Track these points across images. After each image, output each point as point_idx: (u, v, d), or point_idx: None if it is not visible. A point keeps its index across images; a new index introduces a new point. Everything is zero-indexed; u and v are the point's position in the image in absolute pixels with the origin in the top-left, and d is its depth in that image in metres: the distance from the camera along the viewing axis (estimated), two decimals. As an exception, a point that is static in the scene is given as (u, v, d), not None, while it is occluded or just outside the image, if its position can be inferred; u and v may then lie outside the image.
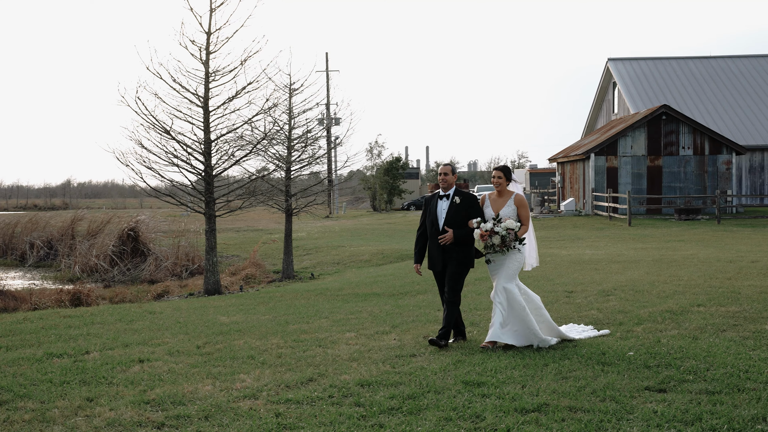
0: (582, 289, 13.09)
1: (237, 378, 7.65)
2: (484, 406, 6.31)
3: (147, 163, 17.40)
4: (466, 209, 8.98)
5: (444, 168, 9.11)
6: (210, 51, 17.37)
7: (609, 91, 48.95)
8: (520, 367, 7.53)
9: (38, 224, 35.18)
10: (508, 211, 8.83)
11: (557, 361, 7.73)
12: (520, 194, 8.99)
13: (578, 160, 40.68)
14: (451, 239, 8.90)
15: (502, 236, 8.58)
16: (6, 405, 6.89)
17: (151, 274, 24.79)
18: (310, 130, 23.11)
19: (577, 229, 31.66)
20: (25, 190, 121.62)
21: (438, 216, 9.09)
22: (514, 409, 6.20)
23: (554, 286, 13.84)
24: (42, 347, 9.89)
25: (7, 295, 18.56)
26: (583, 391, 6.61)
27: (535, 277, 15.20)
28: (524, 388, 6.79)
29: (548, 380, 7.01)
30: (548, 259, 18.31)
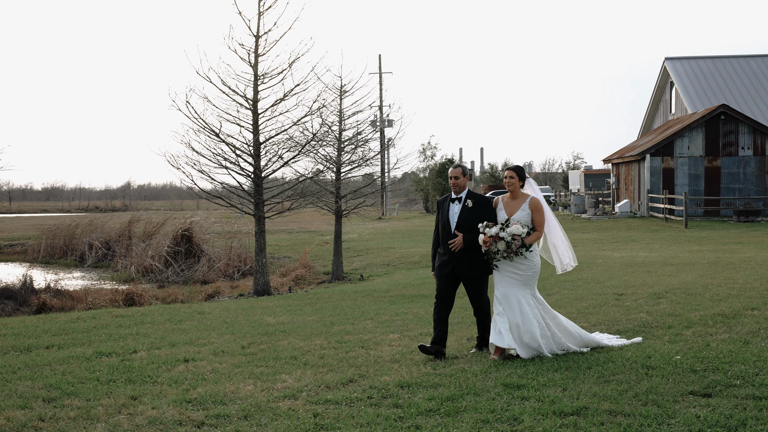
0: (632, 292, 12.85)
1: (278, 378, 7.70)
2: (522, 409, 6.23)
3: (197, 165, 17.68)
4: (479, 213, 8.51)
5: (454, 171, 8.66)
6: (258, 54, 17.55)
7: (666, 91, 48.03)
8: (563, 370, 7.42)
9: (97, 226, 36.03)
10: (522, 215, 8.33)
11: (601, 364, 7.60)
12: (535, 197, 8.47)
13: (633, 161, 40.01)
14: (461, 244, 8.43)
15: (507, 242, 8.09)
16: (54, 402, 7.04)
17: (204, 275, 25.15)
18: (360, 132, 23.19)
19: (632, 230, 31.14)
20: (87, 192, 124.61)
21: (449, 220, 8.65)
22: (553, 412, 6.11)
23: (604, 288, 13.63)
24: (92, 346, 10.11)
25: (65, 294, 19.06)
26: (625, 395, 6.48)
27: (584, 280, 15.00)
28: (565, 391, 6.68)
29: (590, 383, 6.90)
30: (600, 261, 18.04)
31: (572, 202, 46.79)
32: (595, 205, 43.34)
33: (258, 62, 17.67)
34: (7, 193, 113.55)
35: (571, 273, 16.27)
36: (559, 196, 62.85)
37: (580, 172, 64.76)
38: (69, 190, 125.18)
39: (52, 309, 17.31)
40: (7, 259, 36.81)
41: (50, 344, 10.44)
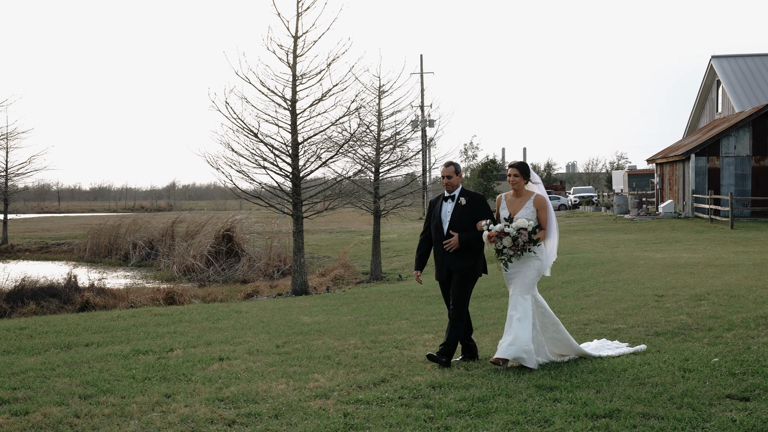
0: (673, 294, 12.63)
1: (311, 377, 7.71)
2: (554, 411, 6.15)
3: (237, 166, 17.83)
4: (473, 211, 8.14)
5: (447, 170, 8.28)
6: (297, 54, 17.64)
7: (712, 90, 47.16)
8: (597, 372, 7.31)
9: (141, 225, 36.57)
10: (526, 214, 7.96)
11: (636, 366, 7.47)
12: (540, 195, 8.09)
13: (678, 161, 39.37)
14: (457, 245, 8.06)
15: (513, 237, 7.71)
16: (89, 399, 7.14)
17: (244, 274, 25.35)
18: (399, 132, 23.17)
19: (675, 231, 30.64)
20: (134, 192, 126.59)
21: (442, 219, 8.24)
22: (585, 415, 6.02)
23: (644, 289, 13.41)
24: (130, 344, 10.24)
25: (107, 293, 19.34)
26: (660, 398, 6.36)
27: (625, 281, 14.79)
28: (598, 393, 6.58)
29: (624, 386, 6.78)
30: (641, 263, 17.78)
31: (615, 203, 46.21)
32: (639, 206, 42.74)
33: (296, 63, 17.76)
34: (56, 193, 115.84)
35: (610, 274, 16.09)
36: (602, 196, 62.14)
37: (623, 172, 63.98)
38: (116, 190, 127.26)
39: (95, 307, 17.58)
40: (54, 257, 37.55)
41: (90, 342, 10.60)
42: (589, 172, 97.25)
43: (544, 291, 14.45)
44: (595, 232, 33.76)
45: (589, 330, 9.85)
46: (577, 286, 14.72)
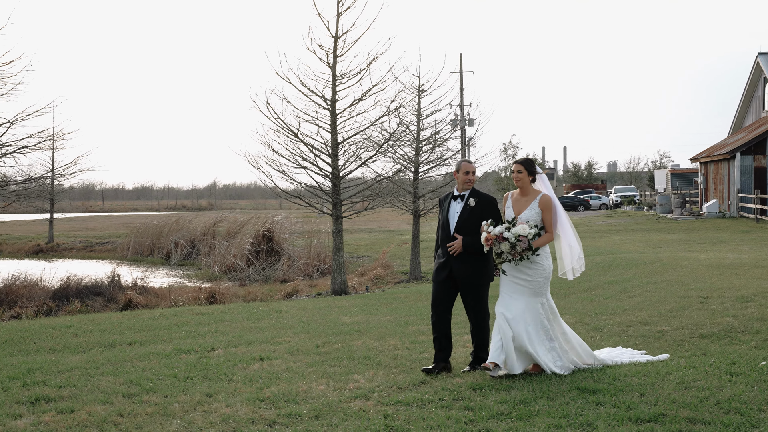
0: (718, 295, 12.40)
1: (351, 378, 7.71)
2: (597, 415, 6.06)
3: (277, 165, 17.93)
4: (481, 213, 7.68)
5: (471, 165, 7.85)
6: (337, 54, 17.68)
7: (759, 87, 46.23)
8: (640, 375, 7.19)
9: (183, 225, 37.01)
10: (531, 214, 7.53)
11: (681, 369, 7.33)
12: (547, 194, 7.63)
13: (722, 160, 38.71)
14: (460, 248, 7.63)
15: (511, 244, 7.31)
16: (133, 398, 7.22)
17: (284, 274, 25.49)
18: (439, 132, 23.10)
19: (720, 231, 30.12)
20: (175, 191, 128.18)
21: (449, 219, 7.80)
22: (629, 419, 5.92)
23: (688, 291, 13.19)
24: (172, 343, 10.34)
25: (150, 292, 19.61)
26: (706, 402, 6.23)
27: (668, 282, 14.56)
28: (642, 397, 6.47)
29: (669, 389, 6.66)
30: (684, 263, 17.49)
31: (658, 202, 45.58)
32: (682, 205, 42.10)
33: (336, 63, 17.79)
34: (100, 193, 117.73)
35: (653, 275, 15.84)
36: (644, 195, 61.35)
37: (666, 171, 63.08)
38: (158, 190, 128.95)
39: (138, 306, 17.82)
40: (99, 256, 38.17)
41: (133, 341, 10.74)
42: (631, 171, 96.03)
43: (585, 292, 14.29)
44: (637, 232, 33.33)
45: (632, 332, 9.71)
46: (619, 286, 14.53)
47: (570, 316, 11.24)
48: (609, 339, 9.28)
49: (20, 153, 16.64)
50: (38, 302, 18.16)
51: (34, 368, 8.74)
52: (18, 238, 45.24)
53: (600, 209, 62.35)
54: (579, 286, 15.21)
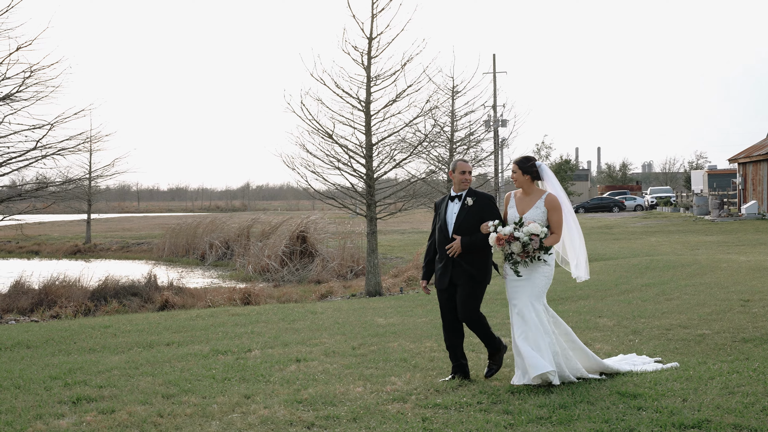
0: (760, 298, 12.19)
1: (388, 380, 7.69)
2: (639, 420, 5.98)
3: (311, 166, 18.00)
4: (480, 213, 7.46)
5: (466, 165, 7.61)
6: (371, 56, 17.68)
7: (797, 85, 45.45)
8: (682, 380, 7.08)
9: (217, 225, 37.27)
10: (536, 214, 7.27)
11: (724, 374, 7.21)
12: (552, 194, 7.35)
13: (762, 161, 38.08)
14: (460, 249, 7.39)
15: (523, 243, 7.05)
16: (172, 399, 7.27)
17: (318, 275, 25.55)
18: (473, 133, 23.02)
19: (760, 233, 29.62)
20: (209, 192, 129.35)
21: (447, 221, 7.56)
22: (672, 424, 5.82)
23: (728, 293, 12.99)
24: (209, 344, 10.40)
25: (186, 292, 19.77)
26: (751, 408, 6.11)
27: (707, 284, 14.35)
28: (685, 402, 6.37)
29: (712, 395, 6.54)
30: (723, 265, 17.22)
31: (695, 203, 44.97)
32: (720, 206, 41.49)
33: (371, 64, 17.80)
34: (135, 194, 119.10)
35: (692, 277, 15.62)
36: (680, 196, 60.60)
37: (703, 172, 62.25)
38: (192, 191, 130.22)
39: (174, 306, 17.98)
40: (135, 256, 38.60)
41: (170, 341, 10.82)
42: (666, 172, 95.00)
43: (622, 294, 14.13)
44: (674, 233, 32.91)
45: (671, 335, 9.58)
46: (657, 289, 14.36)
47: (607, 319, 11.12)
48: (648, 342, 9.16)
49: (60, 155, 16.87)
50: (77, 302, 18.40)
51: (75, 368, 8.85)
52: (56, 238, 45.91)
53: (635, 210, 61.69)
54: (616, 288, 15.05)
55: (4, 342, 11.18)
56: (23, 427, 6.36)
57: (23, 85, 16.18)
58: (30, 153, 16.59)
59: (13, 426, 6.41)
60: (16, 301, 18.68)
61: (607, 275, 17.26)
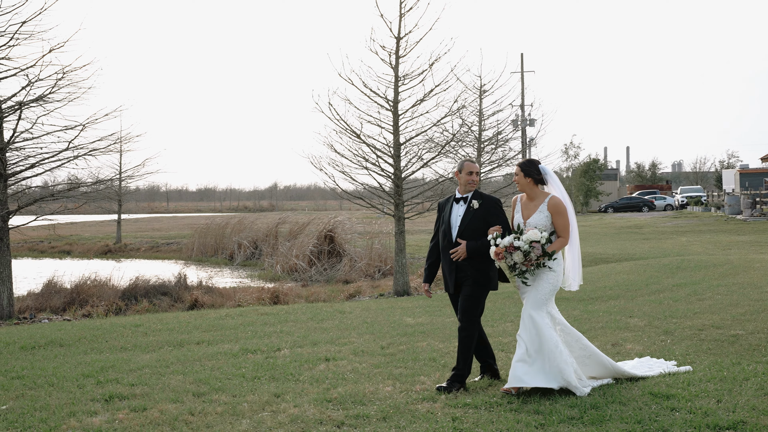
0: (794, 298, 12.01)
1: (417, 380, 7.67)
2: (672, 421, 5.91)
3: (339, 166, 18.02)
4: (486, 216, 7.20)
5: (474, 165, 7.39)
6: (399, 55, 17.67)
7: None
8: (716, 381, 6.99)
9: (245, 225, 37.46)
10: (540, 219, 7.02)
11: (759, 375, 7.11)
12: (556, 197, 7.09)
13: (795, 158, 37.50)
14: (465, 254, 7.15)
15: (524, 252, 6.79)
16: (202, 397, 7.31)
17: (346, 275, 25.59)
18: (501, 132, 22.93)
19: (793, 232, 29.21)
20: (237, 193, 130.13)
21: (451, 224, 7.31)
22: (706, 425, 5.75)
23: (762, 294, 12.81)
24: (239, 343, 10.46)
25: (215, 292, 19.90)
26: (788, 410, 6.02)
27: (740, 284, 14.17)
28: (719, 403, 6.28)
29: (748, 396, 6.45)
30: (757, 265, 16.99)
31: (726, 203, 44.44)
32: (752, 206, 40.94)
33: (399, 64, 17.80)
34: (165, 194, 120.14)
35: (724, 277, 15.43)
36: (711, 196, 59.91)
37: (734, 171, 61.46)
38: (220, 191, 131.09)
39: (204, 306, 18.09)
40: (164, 256, 38.93)
41: (201, 340, 10.90)
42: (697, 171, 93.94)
43: (653, 294, 13.99)
44: (705, 233, 32.54)
45: (704, 336, 9.47)
46: (689, 289, 14.20)
47: (638, 319, 11.02)
48: (680, 343, 9.06)
49: (91, 155, 17.04)
50: (108, 301, 18.59)
51: (107, 366, 8.94)
52: (88, 238, 46.44)
53: (665, 210, 61.10)
54: (646, 288, 14.91)
55: (38, 340, 11.32)
56: (57, 424, 6.43)
57: (56, 87, 16.37)
58: (62, 154, 16.79)
59: (48, 423, 6.48)
60: (49, 301, 18.92)
61: (637, 275, 17.10)
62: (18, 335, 12.06)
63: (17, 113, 16.29)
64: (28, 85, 16.24)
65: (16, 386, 8.03)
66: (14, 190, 17.03)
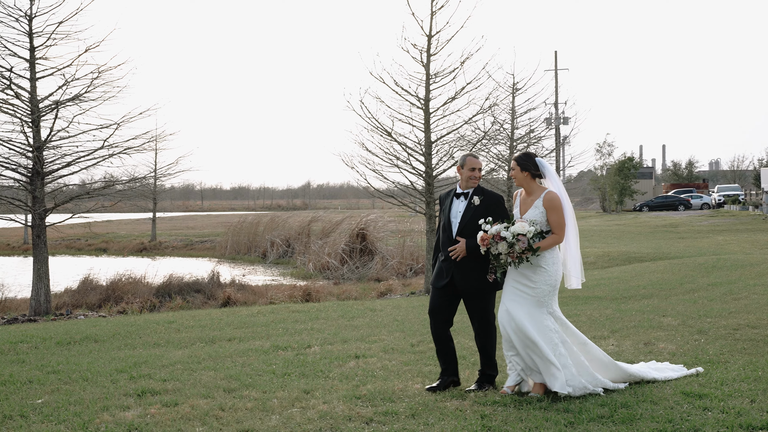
0: (832, 298, 11.79)
1: (446, 377, 7.66)
2: (704, 420, 5.83)
3: (371, 165, 18.05)
4: (487, 213, 6.94)
5: (476, 161, 7.19)
6: (430, 53, 17.65)
7: None
8: (750, 380, 6.89)
9: (278, 224, 37.70)
10: (535, 214, 6.82)
11: (794, 376, 6.99)
12: (552, 191, 6.87)
13: (835, 156, 36.79)
14: (464, 252, 6.91)
15: (509, 243, 6.60)
16: (233, 393, 7.37)
17: (378, 273, 25.64)
18: (533, 130, 22.80)
19: (833, 231, 28.67)
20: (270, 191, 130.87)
21: (451, 220, 7.08)
22: (739, 425, 5.67)
23: (799, 293, 12.59)
24: (270, 340, 10.53)
25: (247, 289, 20.06)
26: (823, 411, 5.91)
27: (777, 284, 13.95)
28: (753, 403, 6.19)
29: (782, 396, 6.35)
30: (795, 264, 16.72)
31: (765, 201, 43.74)
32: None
33: (430, 62, 17.77)
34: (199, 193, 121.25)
35: (761, 276, 15.19)
36: (749, 194, 58.99)
37: (773, 169, 60.49)
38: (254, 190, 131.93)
39: (236, 303, 18.24)
40: (198, 254, 39.32)
41: (232, 337, 10.99)
42: (734, 169, 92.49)
43: (687, 293, 13.84)
44: (743, 232, 32.07)
45: (739, 335, 9.33)
46: (724, 288, 14.01)
47: (672, 318, 10.90)
48: (714, 342, 8.94)
49: (125, 154, 17.25)
50: (143, 298, 18.83)
51: (140, 362, 9.05)
52: (123, 236, 47.05)
53: (701, 209, 60.31)
54: (681, 287, 14.75)
55: (73, 336, 11.50)
56: (91, 418, 6.53)
57: (91, 86, 16.61)
58: (97, 152, 17.02)
59: (81, 417, 6.58)
60: (85, 297, 19.23)
61: (671, 274, 16.91)
62: (54, 331, 12.26)
63: (54, 112, 16.55)
64: (64, 84, 16.51)
65: (52, 381, 8.17)
66: (51, 188, 17.30)
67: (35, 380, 8.18)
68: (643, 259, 22.67)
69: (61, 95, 16.56)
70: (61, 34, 16.45)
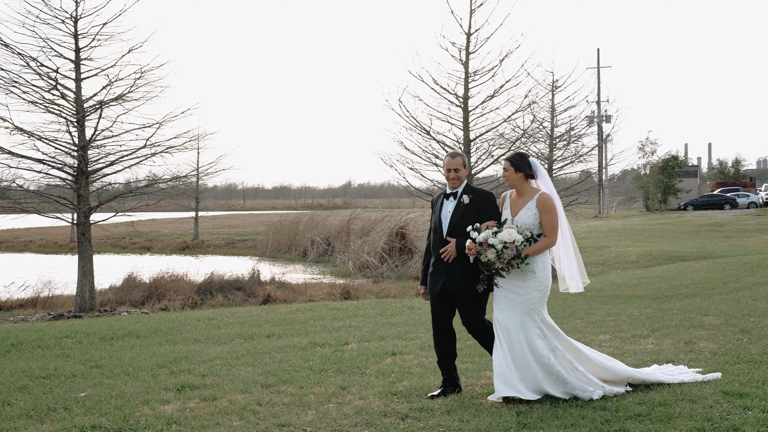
0: None
1: (482, 375, 7.67)
2: (744, 419, 5.75)
3: (409, 163, 18.07)
4: (477, 212, 6.80)
5: (453, 161, 6.94)
6: (469, 51, 17.61)
7: None
8: (793, 381, 6.77)
9: (318, 222, 37.90)
10: (528, 216, 6.61)
11: (839, 376, 6.85)
12: (546, 193, 6.67)
13: None
14: (455, 253, 6.75)
15: (497, 251, 6.40)
16: (270, 388, 7.45)
17: (417, 271, 25.63)
18: (573, 128, 22.59)
19: None
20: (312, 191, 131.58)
21: (441, 221, 6.94)
22: (779, 426, 5.58)
23: None
24: (308, 336, 10.61)
25: (287, 287, 20.21)
26: None
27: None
28: (794, 404, 6.08)
29: (825, 397, 6.23)
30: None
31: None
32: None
33: (469, 60, 17.74)
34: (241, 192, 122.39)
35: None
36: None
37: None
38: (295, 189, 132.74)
39: (276, 301, 18.40)
40: (240, 252, 39.70)
41: (271, 333, 11.09)
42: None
43: (731, 293, 13.62)
44: (790, 230, 31.43)
45: (783, 335, 9.17)
46: (769, 288, 13.76)
47: (714, 318, 10.74)
48: (758, 342, 8.80)
49: (167, 152, 17.52)
50: (184, 296, 19.08)
51: (180, 357, 9.19)
52: (167, 235, 47.70)
53: (748, 208, 59.20)
54: (725, 287, 14.52)
55: (116, 332, 11.71)
56: (131, 411, 6.65)
57: (134, 86, 16.90)
58: (140, 151, 17.30)
59: (122, 410, 6.71)
60: (129, 294, 19.55)
61: (715, 273, 16.66)
62: (98, 327, 12.50)
63: (98, 112, 16.86)
64: (108, 84, 16.82)
65: (95, 375, 8.34)
66: (96, 187, 17.63)
67: (79, 374, 8.35)
68: (686, 258, 22.36)
69: (105, 95, 16.88)
70: (106, 35, 16.77)
